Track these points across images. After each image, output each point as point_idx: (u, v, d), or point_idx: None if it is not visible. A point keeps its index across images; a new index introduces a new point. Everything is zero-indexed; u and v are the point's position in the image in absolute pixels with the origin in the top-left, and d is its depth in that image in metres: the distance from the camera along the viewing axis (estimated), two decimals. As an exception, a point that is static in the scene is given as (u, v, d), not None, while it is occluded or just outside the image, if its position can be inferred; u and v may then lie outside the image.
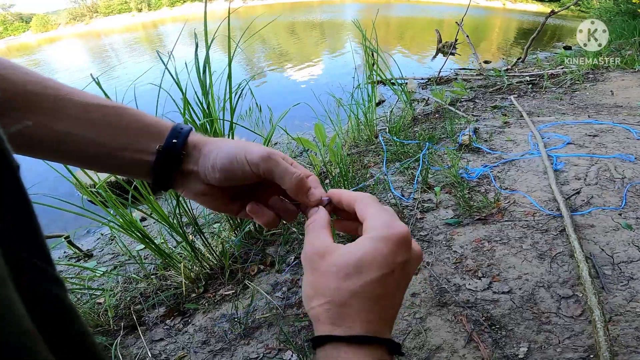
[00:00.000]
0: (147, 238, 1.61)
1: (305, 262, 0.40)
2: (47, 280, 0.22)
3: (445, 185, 2.13)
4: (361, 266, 0.36)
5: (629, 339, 1.19)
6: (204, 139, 0.47)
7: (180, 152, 0.45)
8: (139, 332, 1.50)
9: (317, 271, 0.38)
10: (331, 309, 0.36)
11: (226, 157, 0.45)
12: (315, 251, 0.39)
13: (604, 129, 2.66)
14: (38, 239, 0.22)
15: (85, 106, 0.42)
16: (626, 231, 1.62)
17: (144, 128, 0.45)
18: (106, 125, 0.43)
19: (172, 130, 0.46)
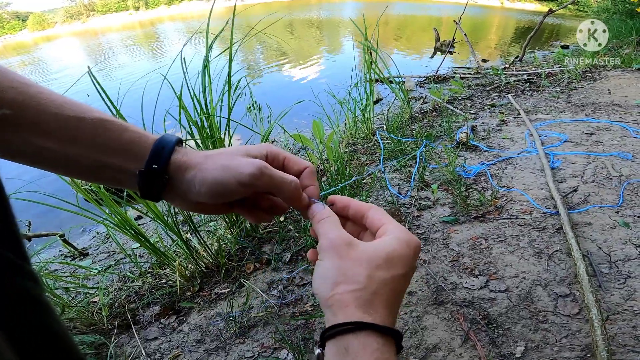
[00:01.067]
0: (142, 236, 1.59)
1: (329, 248, 0.40)
2: (21, 275, 0.21)
3: (443, 183, 2.13)
4: (391, 260, 0.39)
5: (626, 337, 1.18)
6: (187, 161, 0.44)
7: (162, 176, 0.43)
8: (134, 330, 1.49)
9: (346, 258, 0.39)
10: (363, 295, 0.37)
11: (212, 182, 0.43)
12: (342, 239, 0.40)
13: (601, 127, 2.65)
14: (13, 233, 0.21)
15: (65, 120, 0.39)
16: (623, 229, 1.61)
17: (123, 147, 0.42)
18: (84, 143, 0.41)
19: (151, 152, 0.43)
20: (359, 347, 0.34)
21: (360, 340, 0.34)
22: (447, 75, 5.37)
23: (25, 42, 38.59)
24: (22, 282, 0.20)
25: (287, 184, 0.44)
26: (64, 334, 0.24)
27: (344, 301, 0.36)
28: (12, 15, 77.73)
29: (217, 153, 0.45)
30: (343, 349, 0.34)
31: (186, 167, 0.44)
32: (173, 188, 0.45)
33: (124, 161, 0.43)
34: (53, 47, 23.08)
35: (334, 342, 0.35)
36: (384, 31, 3.75)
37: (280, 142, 3.50)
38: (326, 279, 0.38)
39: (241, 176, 0.42)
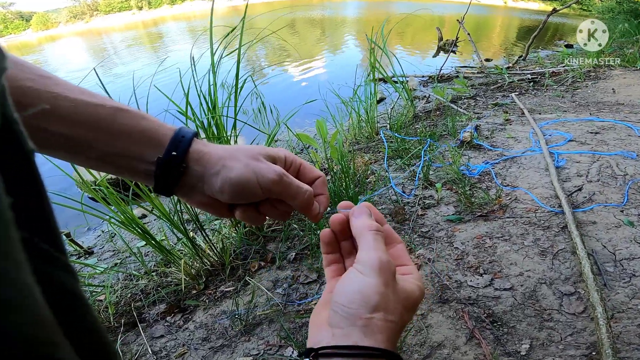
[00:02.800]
0: (148, 234, 1.60)
1: (379, 269, 0.39)
2: (59, 268, 0.21)
3: (447, 182, 2.13)
4: (414, 306, 0.41)
5: (631, 336, 1.18)
6: (207, 152, 0.44)
7: (180, 164, 0.43)
8: (140, 328, 1.50)
9: (391, 288, 0.39)
10: (394, 328, 0.37)
11: (237, 182, 0.43)
12: (392, 267, 0.40)
13: (605, 127, 2.65)
14: (51, 225, 0.21)
15: (83, 106, 0.39)
16: (628, 228, 1.61)
17: (140, 134, 0.42)
18: (99, 129, 0.40)
19: (171, 139, 0.42)
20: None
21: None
22: (450, 74, 5.36)
23: (30, 41, 38.74)
24: (59, 275, 0.20)
25: (302, 193, 0.45)
26: (99, 329, 0.24)
27: (379, 327, 0.36)
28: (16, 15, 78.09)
29: (238, 150, 0.45)
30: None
31: (206, 159, 0.43)
32: (187, 181, 0.44)
33: (141, 148, 0.42)
34: (57, 47, 23.16)
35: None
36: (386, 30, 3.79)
37: (284, 141, 3.51)
38: (367, 298, 0.37)
39: (263, 180, 0.43)
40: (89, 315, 0.22)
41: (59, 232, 0.21)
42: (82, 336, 0.22)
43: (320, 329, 0.39)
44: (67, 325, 0.20)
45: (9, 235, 0.14)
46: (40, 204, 0.20)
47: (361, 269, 0.39)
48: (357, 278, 0.39)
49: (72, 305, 0.21)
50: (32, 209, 0.20)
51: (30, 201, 0.20)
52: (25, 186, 0.20)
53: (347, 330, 0.36)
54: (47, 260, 0.20)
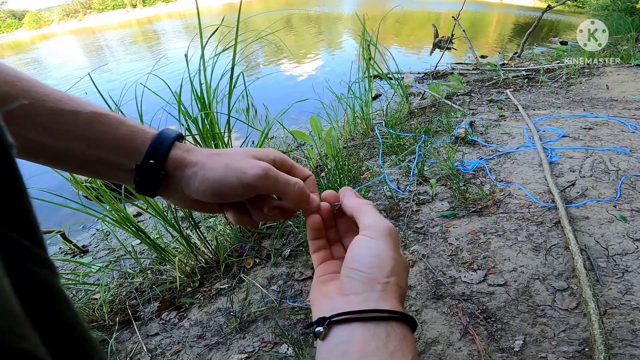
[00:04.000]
0: (142, 232, 1.60)
1: (388, 234, 0.40)
2: (37, 263, 0.20)
3: (441, 178, 2.13)
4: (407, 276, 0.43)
5: (624, 332, 1.19)
6: (187, 158, 0.43)
7: (159, 172, 0.42)
8: (134, 326, 1.49)
9: (399, 255, 0.41)
10: (403, 293, 0.39)
11: (214, 182, 0.42)
12: (397, 233, 0.42)
13: (599, 122, 2.66)
14: (30, 221, 0.21)
15: (59, 114, 0.39)
16: (621, 223, 1.62)
17: (118, 142, 0.41)
18: (77, 139, 0.40)
19: (149, 147, 0.42)
20: (401, 336, 0.34)
21: (403, 330, 0.35)
22: (445, 71, 5.37)
23: (22, 40, 38.39)
24: (37, 270, 0.20)
25: (291, 185, 0.44)
26: (80, 324, 0.24)
27: (394, 292, 0.37)
28: (8, 14, 77.36)
29: (222, 153, 0.44)
30: (384, 334, 0.34)
31: (186, 164, 0.43)
32: (170, 184, 0.44)
33: (119, 156, 0.42)
34: (50, 45, 22.97)
35: (372, 326, 0.34)
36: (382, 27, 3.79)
37: (279, 138, 3.50)
38: (384, 264, 0.38)
39: (244, 176, 0.42)
40: (69, 310, 0.22)
41: (39, 227, 0.21)
42: (62, 331, 0.22)
43: (330, 299, 0.39)
44: (45, 320, 0.20)
45: None
46: (19, 199, 0.20)
47: (371, 234, 0.40)
48: (370, 243, 0.40)
49: (51, 300, 0.21)
50: (10, 204, 0.20)
51: (9, 196, 0.20)
52: (3, 181, 0.20)
53: (365, 296, 0.36)
54: (25, 255, 0.20)
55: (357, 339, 0.34)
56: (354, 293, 0.37)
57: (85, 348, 0.23)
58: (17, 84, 0.37)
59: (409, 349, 0.34)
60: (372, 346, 0.33)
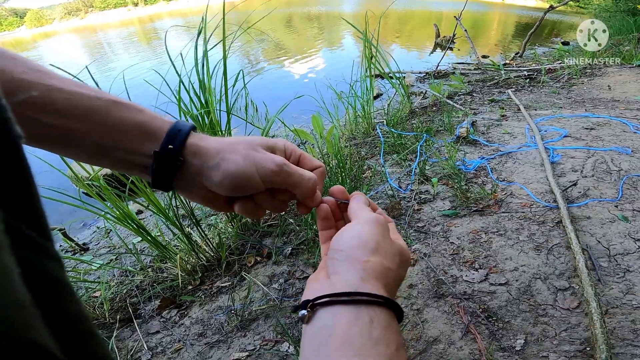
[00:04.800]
0: (144, 230, 1.60)
1: (375, 221, 0.40)
2: (44, 256, 0.20)
3: (443, 177, 2.13)
4: (406, 262, 0.42)
5: (625, 331, 1.19)
6: (204, 146, 0.43)
7: (177, 157, 0.42)
8: (135, 324, 1.49)
9: (387, 239, 0.40)
10: (391, 277, 0.38)
11: (237, 174, 0.42)
12: (386, 224, 0.42)
13: (600, 123, 2.66)
14: (38, 213, 0.21)
15: (78, 99, 0.39)
16: (622, 223, 1.62)
17: (136, 127, 0.41)
18: (95, 121, 0.40)
19: (168, 132, 0.42)
20: (384, 323, 0.33)
21: (386, 317, 0.34)
22: (447, 70, 5.36)
23: (24, 38, 38.41)
24: (44, 262, 0.20)
25: (305, 181, 0.45)
26: (85, 318, 0.24)
27: (377, 272, 0.36)
28: (10, 12, 77.43)
29: (236, 142, 0.44)
30: (367, 319, 0.32)
31: (204, 152, 0.43)
32: (187, 175, 0.43)
33: (137, 141, 0.41)
34: (52, 43, 22.99)
35: (353, 309, 0.33)
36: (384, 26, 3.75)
37: (280, 137, 3.49)
38: (366, 242, 0.38)
39: (263, 170, 0.42)
40: (74, 305, 0.22)
41: (46, 219, 0.21)
42: (67, 324, 0.21)
43: (319, 282, 0.38)
44: (51, 313, 0.20)
45: None
46: (27, 190, 0.20)
47: (357, 221, 0.41)
48: (355, 226, 0.40)
49: (57, 293, 0.21)
50: (18, 195, 0.20)
51: (17, 187, 0.20)
52: (12, 172, 0.20)
53: (345, 276, 0.36)
54: (33, 247, 0.20)
55: (340, 322, 0.33)
56: (335, 273, 0.36)
57: (89, 343, 0.23)
58: (33, 73, 0.37)
59: (392, 338, 0.32)
60: (355, 331, 0.32)
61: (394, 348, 0.32)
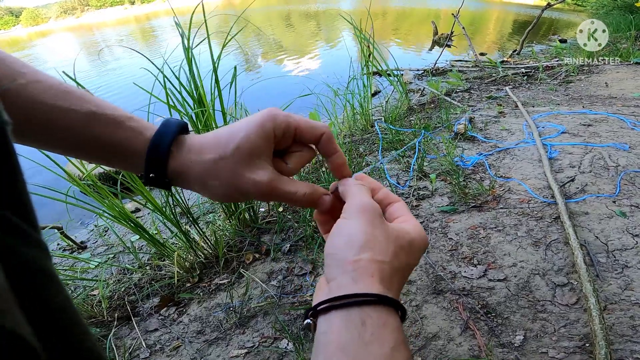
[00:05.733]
0: (141, 228, 1.59)
1: (361, 211, 0.38)
2: (28, 243, 0.20)
3: (441, 173, 2.13)
4: (412, 247, 0.39)
5: (624, 327, 1.19)
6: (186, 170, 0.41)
7: (163, 180, 0.41)
8: (133, 322, 1.49)
9: (377, 227, 0.37)
10: (386, 270, 0.35)
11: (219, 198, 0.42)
12: (376, 207, 0.39)
13: (598, 119, 2.66)
14: (23, 200, 0.20)
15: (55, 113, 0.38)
16: (620, 218, 1.62)
17: (114, 148, 0.40)
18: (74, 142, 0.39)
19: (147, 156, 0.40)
20: (378, 322, 0.31)
21: (381, 315, 0.32)
22: (445, 68, 5.36)
23: (20, 37, 38.20)
24: (27, 251, 0.19)
25: (296, 200, 0.43)
26: (71, 308, 0.23)
27: (368, 269, 0.34)
28: (5, 11, 76.96)
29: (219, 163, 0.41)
30: (358, 321, 0.31)
31: (186, 176, 0.42)
32: (177, 183, 0.43)
33: (118, 161, 0.41)
34: (48, 42, 22.88)
35: (345, 313, 0.32)
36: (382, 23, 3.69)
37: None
38: (353, 241, 0.36)
39: (249, 195, 0.41)
40: (60, 295, 0.22)
41: (32, 207, 0.21)
42: (51, 315, 0.21)
43: (321, 289, 0.37)
44: (31, 301, 0.19)
45: None
46: (13, 177, 0.20)
47: (345, 215, 0.39)
48: (342, 224, 0.38)
49: (42, 283, 0.20)
50: (3, 182, 0.19)
51: (3, 174, 0.19)
52: None
53: (339, 280, 0.34)
54: (16, 234, 0.19)
55: (333, 330, 0.32)
56: (332, 279, 0.35)
57: (74, 334, 0.23)
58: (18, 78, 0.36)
59: (387, 338, 0.31)
60: (347, 337, 0.30)
61: (388, 347, 0.30)
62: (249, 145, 0.40)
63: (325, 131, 0.44)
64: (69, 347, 0.22)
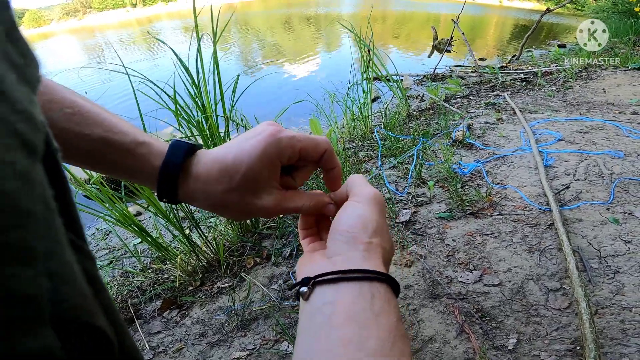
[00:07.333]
0: (144, 231, 1.63)
1: (373, 200, 0.41)
2: (83, 255, 0.22)
3: (439, 180, 2.17)
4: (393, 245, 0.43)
5: (614, 331, 1.22)
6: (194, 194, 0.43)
7: (175, 199, 0.44)
8: (137, 325, 1.52)
9: (384, 219, 0.41)
10: (387, 256, 0.39)
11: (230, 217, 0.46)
12: (384, 201, 0.42)
13: (594, 126, 2.70)
14: (74, 216, 0.23)
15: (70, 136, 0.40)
16: (613, 225, 1.66)
17: (127, 173, 0.43)
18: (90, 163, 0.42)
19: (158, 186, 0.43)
20: (385, 297, 0.34)
21: (386, 292, 0.35)
22: (444, 73, 5.40)
23: (22, 38, 38.15)
24: (82, 261, 0.21)
25: (302, 211, 0.46)
26: (115, 310, 0.26)
27: (377, 252, 0.37)
28: (8, 12, 76.86)
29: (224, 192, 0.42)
30: (369, 294, 0.34)
31: (196, 199, 0.44)
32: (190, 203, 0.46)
33: (132, 180, 0.45)
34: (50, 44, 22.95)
35: (358, 284, 0.34)
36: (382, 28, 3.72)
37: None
38: (367, 223, 0.39)
39: (257, 216, 0.45)
40: (107, 298, 0.25)
41: (80, 221, 0.24)
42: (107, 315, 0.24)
43: (316, 263, 0.38)
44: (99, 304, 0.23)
45: (53, 221, 0.17)
46: (65, 196, 0.23)
47: (358, 200, 0.41)
48: (356, 207, 0.41)
49: (96, 288, 0.24)
50: (59, 201, 0.23)
51: (58, 194, 0.23)
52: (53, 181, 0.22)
53: (348, 255, 0.36)
54: (75, 249, 0.23)
55: (343, 300, 0.33)
56: (337, 254, 0.37)
57: (119, 332, 0.26)
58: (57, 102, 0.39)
59: (392, 311, 0.34)
60: (358, 307, 0.32)
61: (394, 319, 0.33)
62: (254, 176, 0.41)
63: (327, 147, 0.45)
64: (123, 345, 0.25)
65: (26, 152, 0.16)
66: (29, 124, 0.17)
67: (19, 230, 0.14)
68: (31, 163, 0.16)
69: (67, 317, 0.17)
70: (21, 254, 0.14)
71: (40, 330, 0.15)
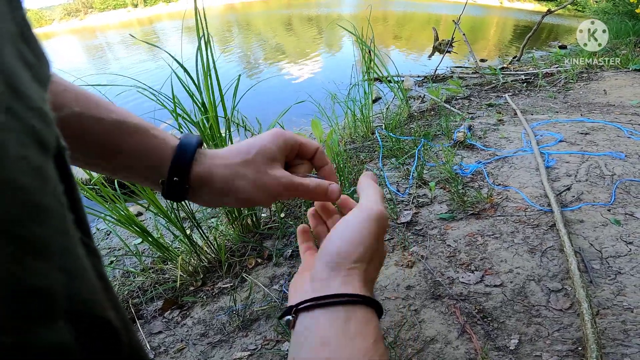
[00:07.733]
0: (145, 232, 1.63)
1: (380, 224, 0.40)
2: (89, 253, 0.22)
3: (440, 181, 2.17)
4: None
5: (616, 332, 1.22)
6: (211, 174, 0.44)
7: (183, 186, 0.44)
8: (138, 325, 1.52)
9: (380, 244, 0.41)
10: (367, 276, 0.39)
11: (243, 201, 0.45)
12: (387, 222, 0.41)
13: (595, 127, 2.70)
14: (81, 214, 0.23)
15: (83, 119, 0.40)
16: (614, 226, 1.66)
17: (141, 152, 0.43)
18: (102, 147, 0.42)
19: (171, 164, 0.43)
20: (362, 319, 0.35)
21: (365, 314, 0.35)
22: (445, 74, 5.40)
23: (23, 38, 38.20)
24: (92, 260, 0.22)
25: (310, 192, 0.47)
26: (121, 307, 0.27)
27: (359, 275, 0.37)
28: (9, 12, 76.99)
29: (246, 162, 0.45)
30: (343, 318, 0.34)
31: (210, 181, 0.44)
32: (197, 194, 0.46)
33: (142, 170, 0.44)
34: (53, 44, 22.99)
35: (333, 309, 0.35)
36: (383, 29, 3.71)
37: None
38: (356, 247, 0.38)
39: (271, 193, 0.45)
40: (113, 295, 0.25)
41: (87, 219, 0.24)
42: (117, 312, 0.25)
43: (302, 287, 0.39)
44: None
45: (65, 217, 0.18)
46: (73, 194, 0.23)
47: (356, 215, 0.41)
48: (351, 224, 0.40)
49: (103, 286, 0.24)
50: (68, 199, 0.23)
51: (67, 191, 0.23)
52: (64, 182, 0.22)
53: (328, 281, 0.37)
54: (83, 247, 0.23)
55: (318, 326, 0.34)
56: (319, 279, 0.37)
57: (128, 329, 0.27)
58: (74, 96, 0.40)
59: (370, 332, 0.34)
60: (331, 332, 0.33)
61: (371, 341, 0.33)
62: (268, 152, 0.46)
63: (319, 147, 0.51)
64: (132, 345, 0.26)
65: (40, 149, 0.16)
66: (43, 121, 0.17)
67: (37, 224, 0.15)
68: (45, 160, 0.16)
69: (80, 311, 0.17)
70: (38, 248, 0.15)
71: (55, 323, 0.15)
